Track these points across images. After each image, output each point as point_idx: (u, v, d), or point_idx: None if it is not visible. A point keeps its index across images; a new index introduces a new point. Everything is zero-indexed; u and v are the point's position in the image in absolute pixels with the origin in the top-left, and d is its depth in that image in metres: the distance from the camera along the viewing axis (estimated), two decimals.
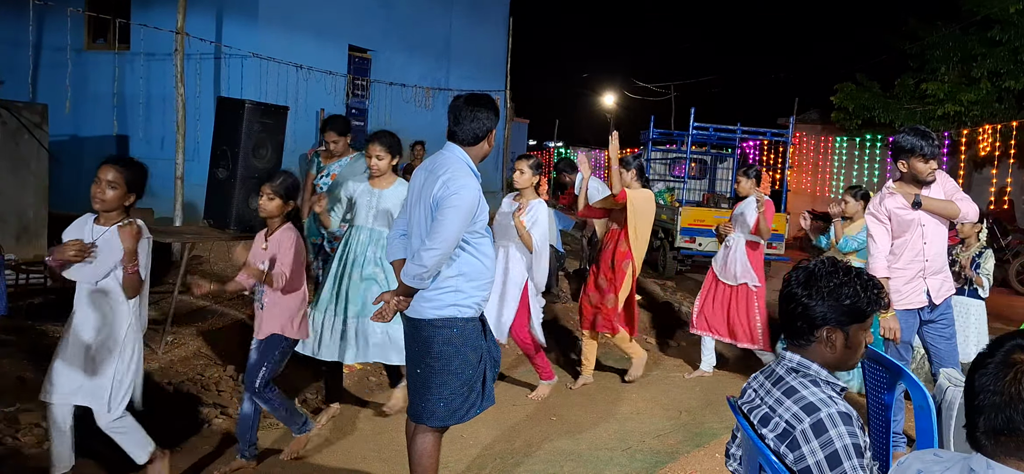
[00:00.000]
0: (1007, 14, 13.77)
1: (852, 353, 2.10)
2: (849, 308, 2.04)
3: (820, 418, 1.95)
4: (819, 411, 1.96)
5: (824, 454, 1.91)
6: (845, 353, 2.10)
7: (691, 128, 11.48)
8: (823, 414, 1.95)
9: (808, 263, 2.15)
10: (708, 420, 5.29)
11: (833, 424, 1.93)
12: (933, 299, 4.29)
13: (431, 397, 3.25)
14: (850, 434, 1.92)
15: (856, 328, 2.08)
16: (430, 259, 3.10)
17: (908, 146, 4.13)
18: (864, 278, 2.08)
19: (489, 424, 4.94)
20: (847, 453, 1.90)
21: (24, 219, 7.56)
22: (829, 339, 2.08)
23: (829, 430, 1.93)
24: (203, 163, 7.79)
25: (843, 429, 1.92)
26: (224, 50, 10.63)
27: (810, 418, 1.96)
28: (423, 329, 3.24)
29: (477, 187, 3.19)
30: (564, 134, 28.86)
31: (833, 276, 2.07)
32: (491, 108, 3.32)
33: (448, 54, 14.54)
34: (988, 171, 14.52)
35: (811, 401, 1.99)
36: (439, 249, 3.09)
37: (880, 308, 2.09)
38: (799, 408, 2.00)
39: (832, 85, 17.05)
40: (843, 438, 1.91)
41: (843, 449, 1.90)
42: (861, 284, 2.06)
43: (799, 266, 2.15)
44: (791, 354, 2.13)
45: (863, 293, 2.05)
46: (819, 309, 2.06)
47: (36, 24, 9.86)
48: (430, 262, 3.10)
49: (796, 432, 1.97)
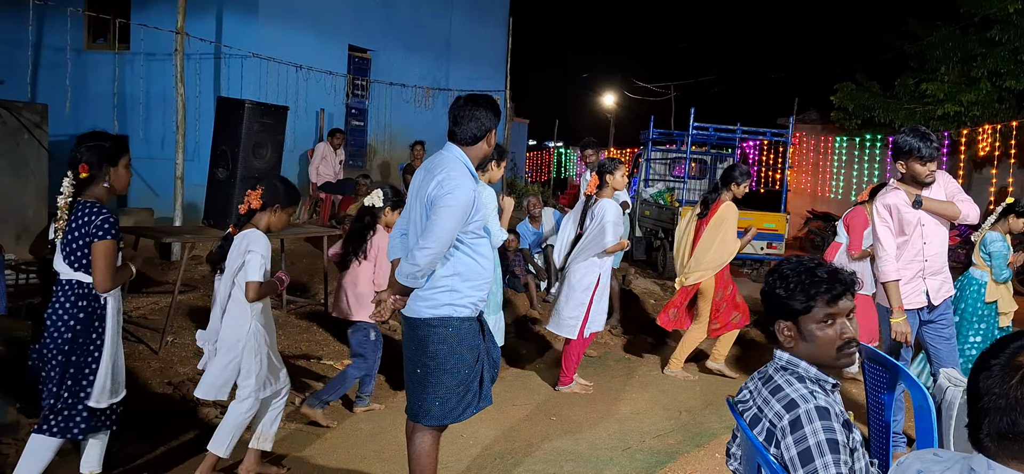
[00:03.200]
0: (1007, 14, 13.75)
1: (815, 348, 2.08)
2: (795, 297, 2.07)
3: (797, 414, 1.95)
4: (797, 408, 1.97)
5: (797, 450, 1.91)
6: (806, 347, 2.09)
7: (691, 128, 11.47)
8: (801, 410, 1.96)
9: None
10: (708, 420, 5.29)
11: (809, 420, 1.93)
12: (932, 300, 4.29)
13: (427, 396, 3.26)
14: (825, 429, 1.91)
15: (806, 319, 2.07)
16: (423, 258, 3.11)
17: (907, 148, 4.12)
18: (816, 269, 2.07)
19: (489, 424, 4.94)
20: (820, 449, 1.89)
21: (24, 219, 7.56)
22: (785, 332, 2.11)
23: (804, 426, 1.93)
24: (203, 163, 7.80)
25: (818, 425, 1.92)
26: (224, 50, 10.63)
27: (789, 415, 1.97)
28: (419, 328, 3.25)
29: (472, 187, 3.18)
30: (564, 134, 28.84)
31: (787, 267, 2.11)
32: (491, 108, 3.31)
33: (448, 54, 14.54)
34: (988, 171, 14.50)
35: (792, 398, 2.00)
36: (432, 248, 3.10)
37: (825, 296, 2.05)
38: (781, 406, 2.01)
39: (832, 85, 17.03)
40: (817, 434, 1.91)
41: (816, 446, 1.90)
42: (806, 274, 2.07)
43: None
44: (780, 352, 2.15)
45: (805, 281, 2.06)
46: (772, 300, 2.12)
47: (36, 24, 9.88)
48: (423, 261, 3.11)
49: (776, 429, 1.98)
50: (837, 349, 2.07)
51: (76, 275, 3.20)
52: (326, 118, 12.02)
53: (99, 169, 3.24)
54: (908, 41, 16.27)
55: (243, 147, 5.99)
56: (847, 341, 2.08)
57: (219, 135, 6.39)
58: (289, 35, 11.14)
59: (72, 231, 3.19)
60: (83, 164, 3.19)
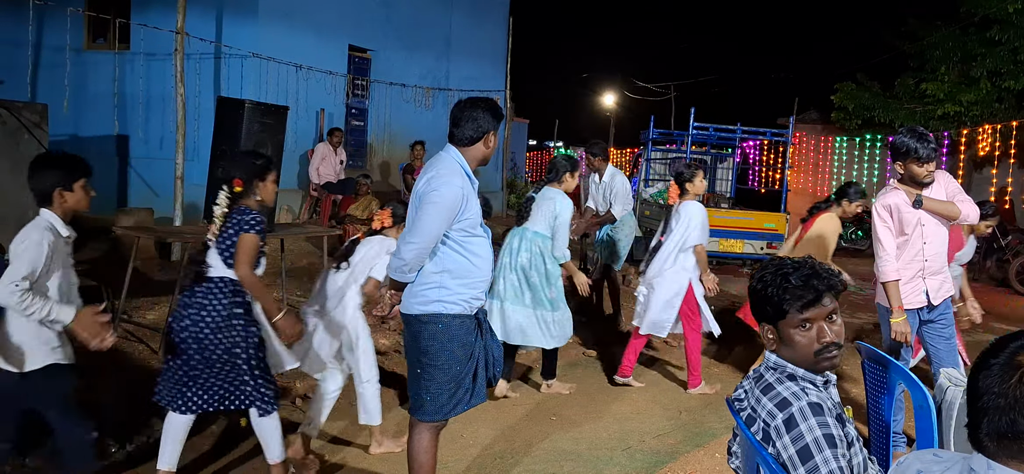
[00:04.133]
0: (1006, 14, 13.76)
1: (794, 351, 2.06)
2: (770, 301, 2.07)
3: (791, 413, 1.95)
4: (790, 406, 1.97)
5: (795, 448, 1.91)
6: (786, 350, 2.08)
7: (691, 128, 11.48)
8: (794, 408, 1.96)
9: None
10: (708, 420, 5.29)
11: (803, 418, 1.93)
12: (932, 300, 4.29)
13: (420, 391, 3.33)
14: (821, 425, 1.91)
15: (783, 323, 2.06)
16: (408, 252, 3.18)
17: (904, 149, 4.12)
18: (790, 274, 2.05)
19: (489, 424, 4.95)
20: (818, 445, 1.89)
21: (24, 219, 7.47)
22: (765, 335, 2.12)
23: (799, 424, 1.93)
24: (203, 163, 7.80)
25: (813, 421, 1.92)
26: (224, 50, 10.63)
27: (782, 414, 1.97)
28: (412, 324, 3.33)
29: (461, 186, 3.20)
30: (564, 134, 28.84)
31: (768, 271, 2.11)
32: (490, 110, 3.35)
33: (448, 54, 14.53)
34: (988, 171, 14.52)
35: (784, 396, 2.00)
36: (416, 243, 3.16)
37: (796, 303, 2.03)
38: (773, 405, 2.01)
39: (832, 85, 17.04)
40: (814, 431, 1.91)
41: (814, 442, 1.90)
42: (780, 279, 2.05)
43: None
44: (768, 352, 2.16)
45: (778, 287, 2.04)
46: (754, 304, 2.14)
47: (36, 24, 9.87)
48: (408, 255, 3.18)
49: (771, 429, 1.98)
50: (815, 353, 2.03)
51: (229, 272, 3.63)
52: (326, 118, 12.02)
53: (250, 183, 3.76)
54: (908, 41, 16.28)
55: (243, 147, 5.99)
56: (826, 345, 2.03)
57: (219, 135, 6.40)
58: (289, 35, 11.14)
59: (227, 234, 3.65)
60: (236, 179, 3.74)
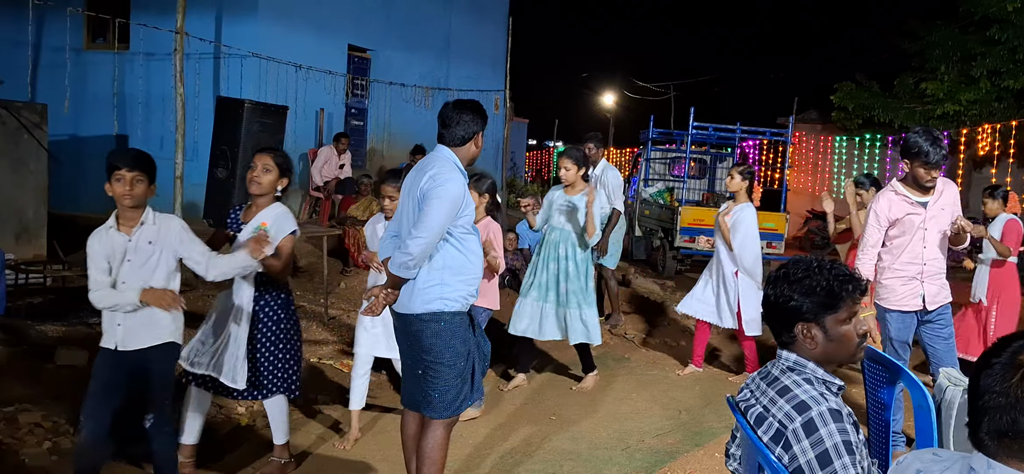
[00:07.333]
0: (1006, 13, 13.77)
1: (838, 347, 2.07)
2: (820, 298, 2.04)
3: (811, 417, 1.94)
4: (810, 410, 1.95)
5: (814, 453, 1.90)
6: (829, 347, 2.07)
7: (691, 128, 11.47)
8: (814, 413, 1.94)
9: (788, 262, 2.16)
10: (708, 420, 5.29)
11: (824, 423, 1.92)
12: (928, 304, 4.28)
13: (428, 388, 3.35)
14: (840, 432, 1.91)
15: (832, 320, 2.05)
16: (416, 247, 3.20)
17: (915, 150, 4.11)
18: (835, 269, 2.08)
19: (488, 423, 4.95)
20: (837, 451, 1.89)
21: (24, 219, 7.56)
22: (807, 335, 2.08)
23: (819, 429, 1.92)
24: (203, 163, 7.80)
25: (834, 427, 1.91)
26: (224, 50, 10.63)
27: (801, 417, 1.95)
28: (412, 324, 3.34)
29: (462, 183, 3.32)
30: (564, 134, 28.84)
31: (801, 270, 2.08)
32: (477, 112, 3.47)
33: (448, 54, 14.53)
34: (988, 171, 14.51)
35: (803, 400, 1.99)
36: (424, 237, 3.20)
37: (852, 294, 2.05)
38: (791, 407, 1.99)
39: (832, 85, 17.06)
40: (833, 437, 1.90)
41: (833, 447, 1.89)
42: (829, 274, 2.06)
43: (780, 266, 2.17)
44: (787, 353, 2.12)
45: (832, 281, 2.05)
46: (792, 304, 2.07)
47: (36, 24, 9.86)
48: (416, 250, 3.20)
49: (788, 432, 1.96)
50: (856, 344, 2.10)
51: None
52: (326, 118, 12.02)
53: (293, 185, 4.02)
54: (908, 41, 16.28)
55: (243, 147, 6.01)
56: (862, 334, 2.11)
57: (219, 135, 6.41)
58: (289, 35, 11.13)
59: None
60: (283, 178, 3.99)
